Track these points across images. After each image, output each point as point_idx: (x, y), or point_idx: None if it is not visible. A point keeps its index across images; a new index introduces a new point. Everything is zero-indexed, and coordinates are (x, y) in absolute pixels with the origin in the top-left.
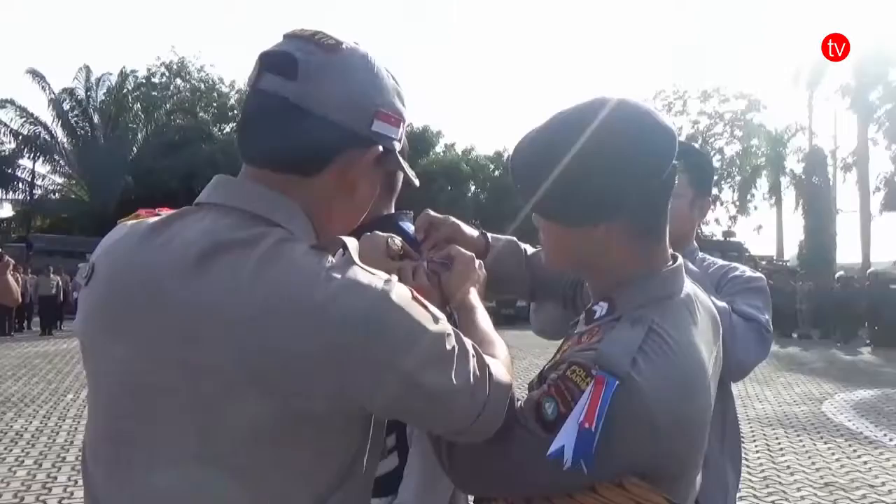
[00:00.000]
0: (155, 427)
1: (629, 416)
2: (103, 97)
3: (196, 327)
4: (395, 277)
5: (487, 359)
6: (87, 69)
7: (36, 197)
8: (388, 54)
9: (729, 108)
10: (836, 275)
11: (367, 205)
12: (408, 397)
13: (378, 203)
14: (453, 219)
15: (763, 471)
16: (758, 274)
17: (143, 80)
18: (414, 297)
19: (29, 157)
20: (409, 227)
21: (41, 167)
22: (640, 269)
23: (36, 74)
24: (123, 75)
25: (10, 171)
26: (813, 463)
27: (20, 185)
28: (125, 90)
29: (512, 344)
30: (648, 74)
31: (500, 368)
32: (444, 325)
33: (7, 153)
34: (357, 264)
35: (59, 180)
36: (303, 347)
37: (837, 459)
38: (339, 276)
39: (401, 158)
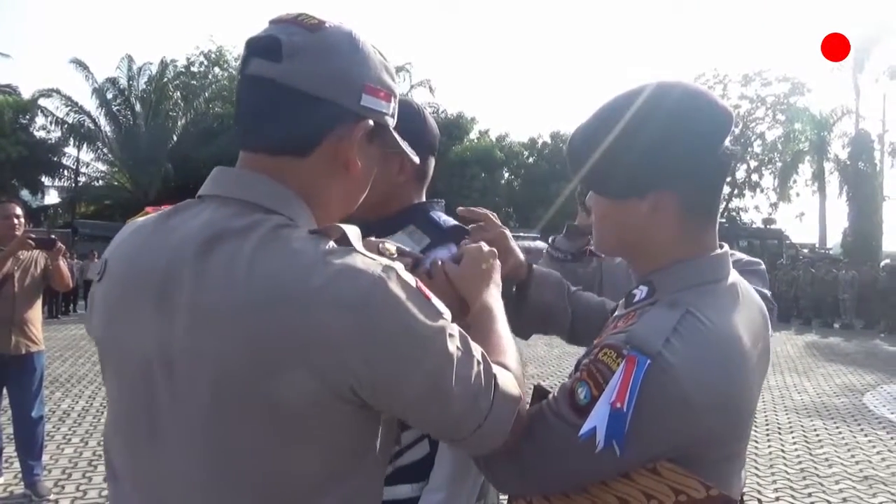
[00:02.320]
0: (173, 412)
1: (662, 395)
2: (144, 86)
3: (203, 316)
4: (398, 265)
5: (496, 368)
6: (129, 58)
7: (80, 184)
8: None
9: (771, 92)
10: (882, 263)
11: (365, 183)
12: (400, 391)
13: (408, 191)
14: (507, 230)
15: (800, 462)
16: (756, 259)
17: (183, 69)
18: (417, 288)
19: (74, 146)
20: (441, 217)
21: (85, 155)
22: (686, 251)
23: (80, 64)
24: (164, 64)
25: (56, 159)
26: (852, 455)
27: (66, 172)
28: (165, 79)
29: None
30: (688, 58)
31: (508, 380)
32: (447, 324)
33: (53, 141)
34: (357, 250)
35: (103, 168)
36: (298, 331)
37: (878, 452)
38: (336, 261)
39: (396, 134)
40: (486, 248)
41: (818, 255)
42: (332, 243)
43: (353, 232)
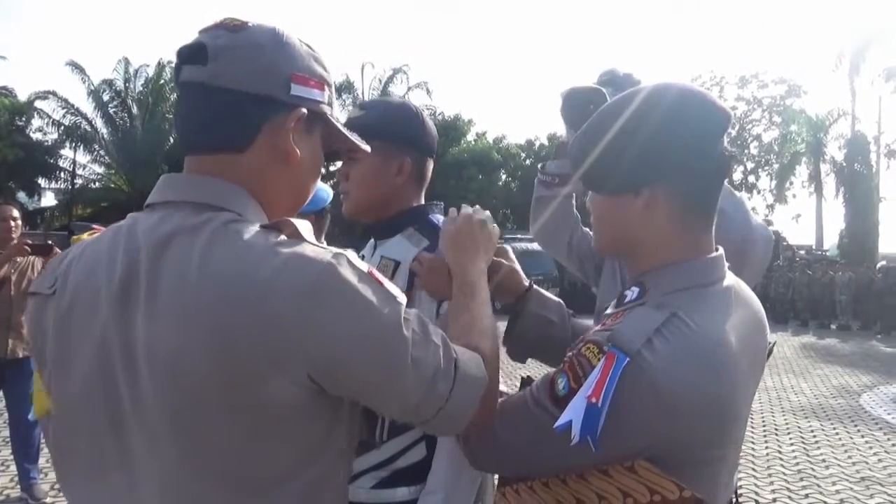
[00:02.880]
0: (137, 410)
1: (637, 393)
2: (141, 88)
3: (160, 315)
4: (350, 252)
5: (460, 351)
6: (126, 61)
7: (77, 186)
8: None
9: (767, 94)
10: (878, 264)
11: (310, 173)
12: (355, 376)
13: (407, 193)
14: (508, 247)
15: (797, 464)
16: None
17: None
18: (369, 274)
19: (70, 148)
20: (440, 220)
21: (82, 157)
22: (680, 253)
23: (76, 66)
24: (161, 66)
25: (52, 160)
26: (849, 457)
27: (62, 174)
28: (162, 81)
29: None
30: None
31: (472, 361)
32: (401, 308)
33: (50, 143)
34: (306, 240)
35: (99, 170)
36: (251, 323)
37: (875, 453)
38: (285, 251)
39: (337, 122)
40: (483, 214)
41: (815, 257)
42: (282, 236)
43: (304, 226)
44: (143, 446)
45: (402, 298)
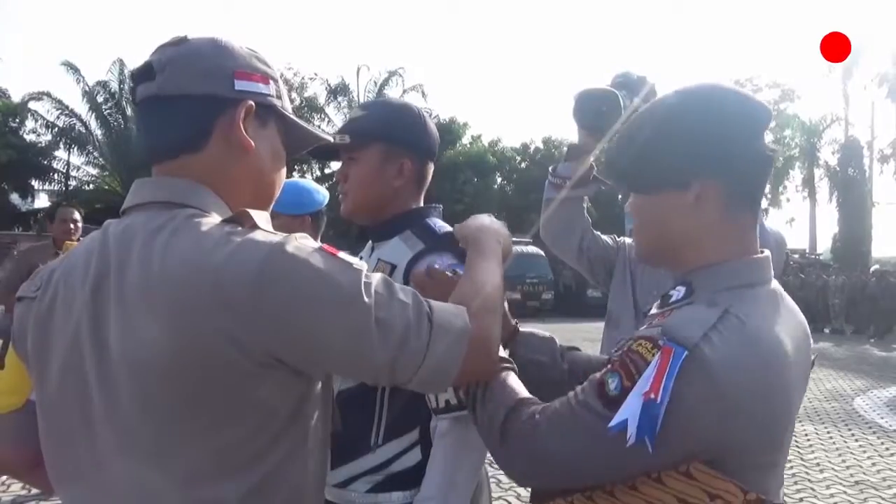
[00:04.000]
0: (105, 398)
1: (696, 388)
2: None
3: (127, 304)
4: (299, 235)
5: (436, 305)
6: (121, 62)
7: (71, 188)
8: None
9: (761, 98)
10: (871, 268)
11: (270, 164)
12: (321, 348)
13: (406, 196)
14: None
15: (792, 468)
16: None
17: None
18: (321, 248)
19: (64, 149)
20: (437, 224)
21: (76, 159)
22: (728, 252)
23: (71, 67)
24: None
25: (46, 162)
26: (843, 460)
27: (56, 176)
28: None
29: None
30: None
31: (450, 314)
32: (360, 273)
33: (43, 145)
34: (260, 228)
35: (93, 171)
36: (210, 308)
37: (869, 457)
38: (237, 238)
39: (289, 112)
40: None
41: (808, 261)
42: (238, 227)
43: (261, 217)
44: (112, 443)
45: (361, 265)
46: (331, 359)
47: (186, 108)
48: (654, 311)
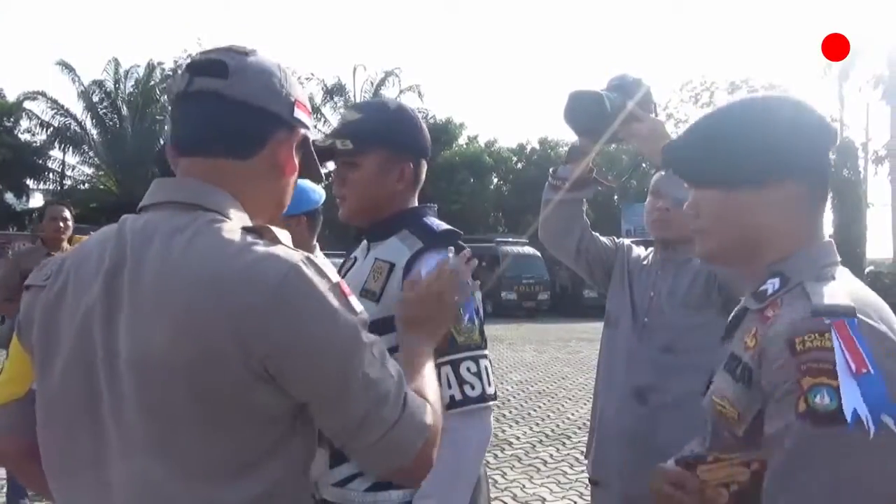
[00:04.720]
0: (113, 395)
1: (885, 347)
2: (131, 89)
3: (141, 301)
4: (319, 255)
5: (412, 393)
6: (116, 62)
7: (66, 187)
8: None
9: None
10: (866, 270)
11: (291, 186)
12: (307, 370)
13: (402, 196)
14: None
15: None
16: None
17: (170, 73)
18: (337, 284)
19: (59, 149)
20: (434, 222)
21: (71, 158)
22: (809, 239)
23: (66, 66)
24: (151, 67)
25: (41, 161)
26: None
27: (51, 175)
28: (152, 82)
29: (532, 338)
30: (676, 65)
31: (421, 406)
32: (363, 323)
33: (38, 144)
34: (281, 242)
35: (89, 171)
36: (223, 308)
37: None
38: (259, 249)
39: (312, 148)
40: (448, 277)
41: None
42: (260, 239)
43: (283, 235)
44: (118, 442)
45: (365, 315)
46: (310, 390)
47: (247, 115)
48: (752, 306)
